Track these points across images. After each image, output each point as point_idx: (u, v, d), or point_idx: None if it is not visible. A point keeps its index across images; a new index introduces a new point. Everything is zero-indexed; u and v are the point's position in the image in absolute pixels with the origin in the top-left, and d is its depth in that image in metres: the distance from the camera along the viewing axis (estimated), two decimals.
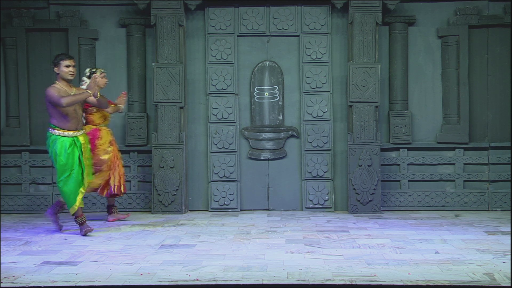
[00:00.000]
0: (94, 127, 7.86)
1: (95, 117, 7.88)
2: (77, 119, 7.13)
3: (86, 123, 7.83)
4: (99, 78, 7.68)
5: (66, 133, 7.04)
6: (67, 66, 7.06)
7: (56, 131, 7.04)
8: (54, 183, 8.88)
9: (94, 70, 7.86)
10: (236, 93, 8.86)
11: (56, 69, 7.12)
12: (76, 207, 7.00)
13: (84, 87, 7.72)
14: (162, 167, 8.59)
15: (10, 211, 8.79)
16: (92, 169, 7.35)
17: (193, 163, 8.89)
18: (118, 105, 8.09)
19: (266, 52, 8.94)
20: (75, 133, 7.10)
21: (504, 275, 4.98)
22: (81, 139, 7.14)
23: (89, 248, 6.31)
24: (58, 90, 6.99)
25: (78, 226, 7.11)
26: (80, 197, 7.04)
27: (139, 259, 5.73)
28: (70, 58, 7.18)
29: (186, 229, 7.42)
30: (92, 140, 7.68)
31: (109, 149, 7.90)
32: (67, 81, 7.12)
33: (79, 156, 7.05)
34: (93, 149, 7.65)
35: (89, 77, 7.78)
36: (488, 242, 6.42)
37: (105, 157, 7.84)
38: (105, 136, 7.91)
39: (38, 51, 8.93)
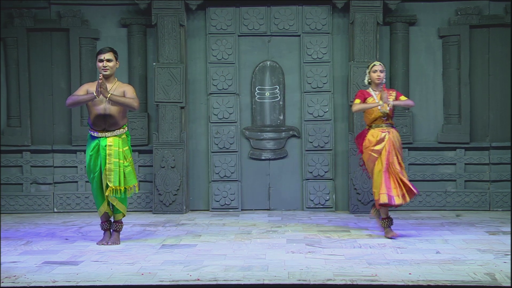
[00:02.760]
0: (366, 128, 7.09)
1: (365, 118, 7.05)
2: (104, 119, 6.31)
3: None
4: (370, 72, 6.92)
5: (92, 132, 6.39)
6: (100, 60, 6.33)
7: (89, 130, 6.42)
8: (55, 183, 8.89)
9: (369, 63, 7.18)
10: (237, 93, 8.86)
11: None
12: (100, 213, 6.49)
13: (365, 81, 7.07)
14: (163, 167, 8.59)
15: (11, 211, 8.79)
16: (133, 174, 6.43)
17: (194, 163, 8.89)
18: (385, 103, 6.86)
19: (267, 52, 8.94)
20: (101, 133, 6.32)
21: (505, 275, 4.97)
22: (109, 141, 6.31)
23: (90, 248, 6.31)
24: (84, 87, 6.38)
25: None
26: (104, 203, 6.42)
27: (140, 259, 5.73)
28: (102, 51, 6.37)
29: (187, 229, 7.42)
30: (360, 142, 7.04)
31: (373, 153, 6.80)
32: (104, 76, 6.30)
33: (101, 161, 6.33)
34: (360, 151, 7.05)
35: (368, 72, 7.02)
36: (489, 242, 6.42)
37: (371, 160, 6.89)
38: (372, 138, 6.86)
39: (39, 51, 8.93)
